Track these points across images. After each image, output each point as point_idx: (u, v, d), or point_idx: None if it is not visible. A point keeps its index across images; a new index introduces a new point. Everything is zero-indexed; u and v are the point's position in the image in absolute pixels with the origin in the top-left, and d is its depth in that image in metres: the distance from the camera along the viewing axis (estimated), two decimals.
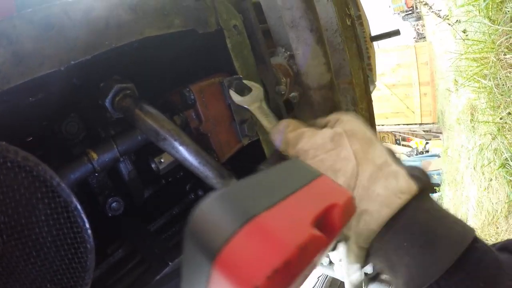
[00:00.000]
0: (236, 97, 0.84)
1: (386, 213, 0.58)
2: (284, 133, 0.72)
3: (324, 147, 0.66)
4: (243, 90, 0.84)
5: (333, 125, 0.71)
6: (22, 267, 0.55)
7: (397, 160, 0.65)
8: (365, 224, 0.60)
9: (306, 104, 1.04)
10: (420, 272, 0.55)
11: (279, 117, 1.07)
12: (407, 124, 11.16)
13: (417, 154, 10.72)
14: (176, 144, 0.65)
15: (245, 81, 0.86)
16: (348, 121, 0.69)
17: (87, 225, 0.58)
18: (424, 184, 0.61)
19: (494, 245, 0.65)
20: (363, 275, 2.21)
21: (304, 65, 0.84)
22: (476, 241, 0.56)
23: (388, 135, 13.86)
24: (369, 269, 2.07)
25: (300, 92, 1.17)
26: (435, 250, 0.55)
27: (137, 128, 0.71)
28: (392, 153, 0.66)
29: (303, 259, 0.35)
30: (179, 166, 0.79)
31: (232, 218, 0.37)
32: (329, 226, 0.43)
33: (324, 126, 0.73)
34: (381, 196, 0.59)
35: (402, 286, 0.58)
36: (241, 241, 0.35)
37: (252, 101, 0.82)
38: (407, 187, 0.59)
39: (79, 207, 0.57)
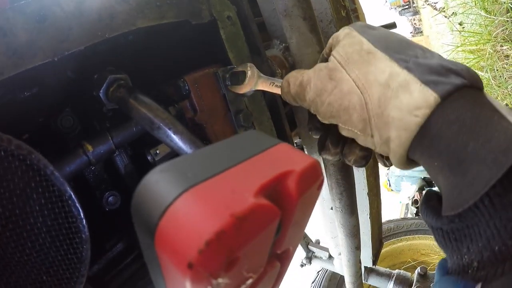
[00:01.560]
0: (237, 89, 0.84)
1: (406, 138, 0.52)
2: (292, 91, 0.71)
3: (327, 90, 0.62)
4: (239, 78, 0.84)
5: (331, 51, 0.67)
6: (17, 258, 0.54)
7: (411, 57, 0.55)
8: (393, 151, 0.56)
9: None
10: (455, 195, 0.46)
11: (275, 109, 1.07)
12: None
13: None
14: (170, 132, 0.65)
15: (235, 68, 0.86)
16: (342, 44, 0.64)
17: (82, 215, 0.58)
18: (452, 84, 0.49)
19: None
20: (363, 268, 2.21)
21: (298, 54, 0.84)
22: None
23: None
24: (368, 261, 2.07)
25: None
26: (467, 173, 0.45)
27: (131, 117, 0.71)
28: (402, 51, 0.57)
29: (245, 230, 0.33)
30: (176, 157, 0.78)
31: (169, 189, 0.34)
32: (285, 195, 0.40)
33: (329, 53, 0.69)
34: (396, 119, 0.53)
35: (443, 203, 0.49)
36: (176, 213, 0.33)
37: (253, 82, 0.84)
38: (422, 99, 0.50)
39: (73, 196, 0.56)
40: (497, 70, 3.23)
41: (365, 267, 2.34)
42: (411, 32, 15.24)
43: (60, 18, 0.62)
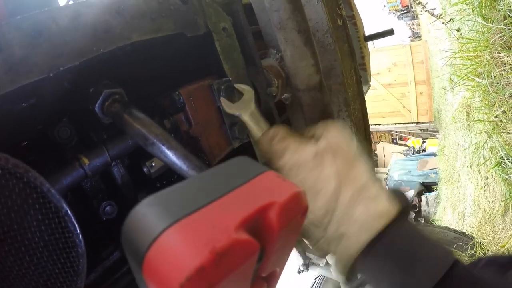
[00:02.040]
0: (226, 106, 0.83)
1: (365, 238, 0.59)
2: (270, 145, 0.72)
3: (306, 166, 0.66)
4: (234, 95, 0.84)
5: (320, 137, 0.70)
6: (15, 272, 0.55)
7: (377, 180, 0.65)
8: (344, 249, 0.62)
9: (298, 108, 1.05)
10: None
11: (271, 119, 1.08)
12: (404, 123, 11.20)
13: (413, 153, 10.73)
14: (164, 148, 0.65)
15: (235, 85, 0.86)
16: (334, 135, 0.69)
17: (78, 230, 0.58)
18: (403, 206, 0.62)
19: (479, 260, 0.66)
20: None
21: (292, 67, 0.84)
22: (456, 265, 0.56)
23: (384, 134, 13.89)
24: None
25: (292, 93, 1.18)
26: (415, 273, 0.56)
27: (125, 132, 0.71)
28: (373, 172, 0.67)
29: (224, 265, 0.34)
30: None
31: (155, 224, 0.36)
32: (266, 227, 0.41)
33: (312, 136, 0.72)
34: (360, 220, 0.60)
35: None
36: (161, 247, 0.35)
37: (243, 107, 0.82)
38: (386, 211, 0.60)
39: (69, 212, 0.57)
40: (494, 76, 3.23)
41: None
42: (409, 37, 15.30)
43: (55, 33, 0.62)
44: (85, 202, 0.87)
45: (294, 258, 2.69)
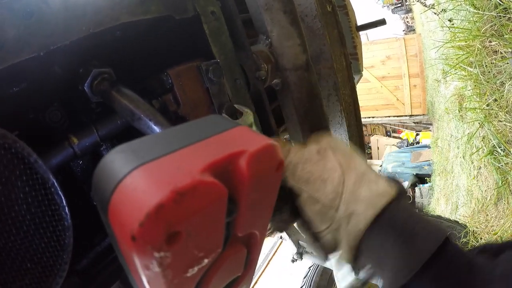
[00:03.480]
0: None
1: (372, 213, 0.65)
2: None
3: (311, 160, 0.72)
4: (234, 114, 0.85)
5: (316, 142, 0.77)
6: (2, 245, 0.56)
7: (374, 171, 0.73)
8: (354, 225, 0.67)
9: (287, 89, 1.06)
10: (405, 263, 0.61)
11: (260, 103, 1.09)
12: (398, 116, 11.23)
13: (407, 146, 10.76)
14: (151, 123, 0.66)
15: (236, 106, 0.88)
16: (329, 139, 0.77)
17: (64, 202, 0.59)
18: (399, 189, 0.69)
19: (473, 249, 0.71)
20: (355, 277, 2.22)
21: (279, 47, 0.85)
22: (448, 241, 0.62)
23: (378, 127, 13.92)
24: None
25: (282, 78, 1.18)
26: (414, 245, 0.62)
27: (114, 109, 0.72)
28: (369, 165, 0.74)
29: (185, 205, 0.34)
30: None
31: (121, 168, 0.36)
32: (236, 175, 0.42)
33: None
34: (366, 198, 0.67)
35: (389, 279, 0.64)
36: (124, 189, 0.35)
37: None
38: (387, 190, 0.67)
39: (56, 184, 0.58)
40: (485, 65, 3.25)
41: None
42: (403, 30, 15.30)
43: (46, 13, 0.63)
44: (75, 187, 0.87)
45: (288, 248, 2.70)
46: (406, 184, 7.37)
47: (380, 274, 0.67)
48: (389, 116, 11.44)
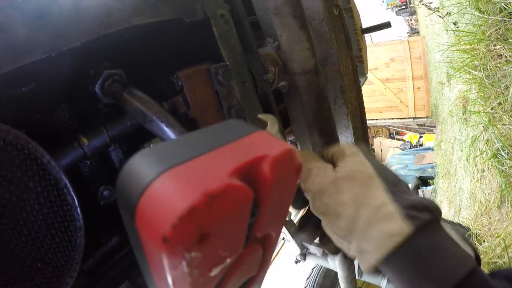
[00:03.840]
0: None
1: (379, 255, 0.65)
2: None
3: (327, 192, 0.72)
4: (259, 127, 0.86)
5: (337, 160, 0.77)
6: (13, 245, 0.56)
7: (400, 192, 0.70)
8: (365, 261, 0.68)
9: (295, 92, 1.06)
10: None
11: (267, 105, 1.09)
12: (401, 118, 11.22)
13: (410, 148, 10.74)
14: (163, 125, 0.67)
15: (259, 115, 0.88)
16: (350, 160, 0.75)
17: (77, 203, 0.60)
18: (425, 219, 0.65)
19: (495, 273, 0.70)
20: (356, 264, 2.23)
21: (288, 51, 0.86)
22: (472, 274, 0.60)
23: (382, 129, 13.91)
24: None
25: (289, 81, 1.19)
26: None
27: (125, 110, 0.73)
28: (395, 184, 0.71)
29: (216, 207, 0.35)
30: None
31: (149, 171, 0.37)
32: (259, 178, 0.43)
33: (331, 158, 0.80)
34: (375, 239, 0.66)
35: None
36: (154, 192, 0.35)
37: None
38: (399, 230, 0.63)
39: (68, 184, 0.58)
40: (490, 69, 3.25)
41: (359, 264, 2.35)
42: (407, 32, 15.27)
43: (58, 15, 0.64)
44: (83, 187, 0.88)
45: (291, 249, 2.70)
46: (409, 186, 7.37)
47: None
48: (392, 118, 11.44)
